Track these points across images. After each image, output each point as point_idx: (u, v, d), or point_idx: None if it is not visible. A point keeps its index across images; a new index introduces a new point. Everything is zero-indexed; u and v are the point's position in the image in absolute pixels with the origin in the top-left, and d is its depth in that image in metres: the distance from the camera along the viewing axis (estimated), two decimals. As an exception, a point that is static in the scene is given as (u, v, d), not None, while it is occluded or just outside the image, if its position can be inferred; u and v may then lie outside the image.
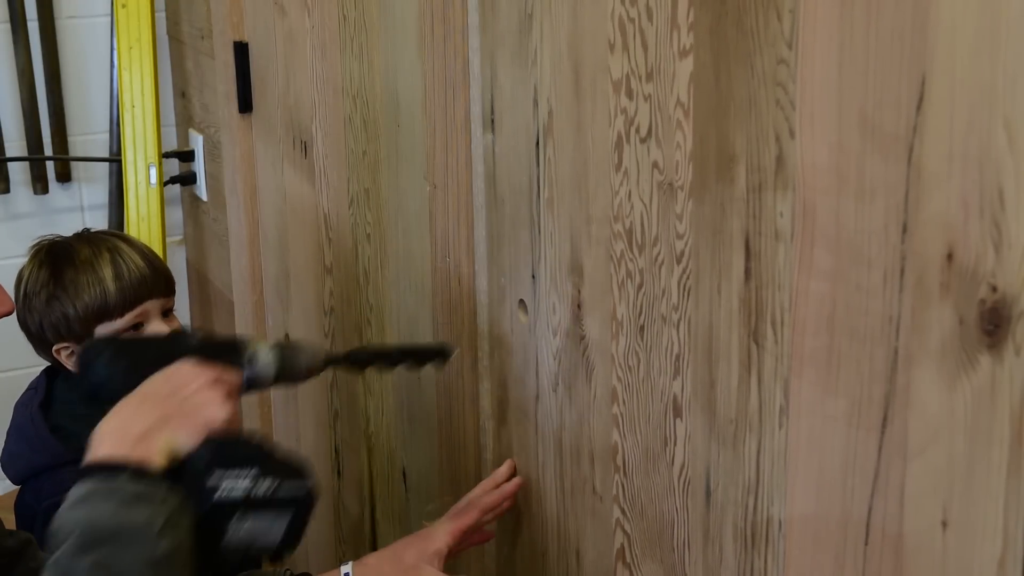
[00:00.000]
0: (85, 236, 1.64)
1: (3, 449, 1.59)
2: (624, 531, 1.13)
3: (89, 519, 0.91)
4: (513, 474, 1.33)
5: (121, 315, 1.54)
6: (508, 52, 1.21)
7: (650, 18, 0.97)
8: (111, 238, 1.63)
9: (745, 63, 0.88)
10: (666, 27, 0.96)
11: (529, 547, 1.33)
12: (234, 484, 0.99)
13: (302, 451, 2.02)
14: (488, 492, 1.32)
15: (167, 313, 1.60)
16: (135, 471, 0.94)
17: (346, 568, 1.22)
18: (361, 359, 1.30)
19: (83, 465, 0.97)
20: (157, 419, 1.00)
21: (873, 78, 0.77)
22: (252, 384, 1.17)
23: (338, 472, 1.89)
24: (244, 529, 1.00)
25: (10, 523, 1.43)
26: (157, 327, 1.57)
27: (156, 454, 0.97)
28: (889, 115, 0.76)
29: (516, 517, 1.36)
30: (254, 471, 0.99)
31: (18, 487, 1.60)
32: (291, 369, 1.20)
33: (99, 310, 1.54)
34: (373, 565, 1.25)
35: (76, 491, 0.94)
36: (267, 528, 1.01)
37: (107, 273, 1.55)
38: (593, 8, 1.05)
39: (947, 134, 0.72)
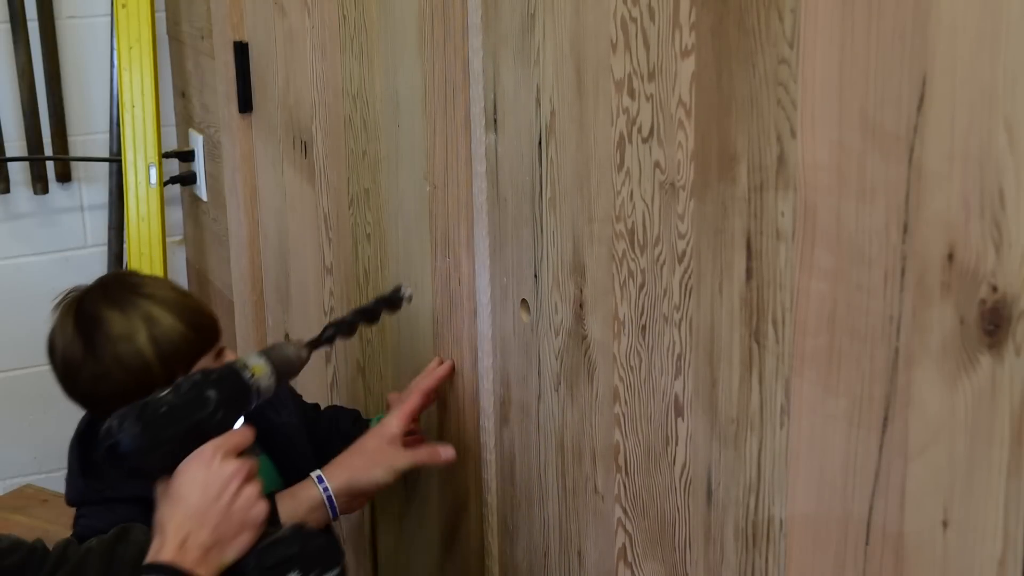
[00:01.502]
0: (112, 296, 1.51)
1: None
2: (626, 530, 1.13)
3: None
4: (442, 362, 1.49)
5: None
6: (511, 51, 1.21)
7: (652, 18, 0.97)
8: (142, 300, 1.50)
9: (747, 63, 0.88)
10: (668, 27, 0.96)
11: (531, 546, 1.34)
12: None
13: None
14: (425, 377, 1.49)
15: (220, 353, 1.54)
16: None
17: (316, 472, 1.36)
18: (331, 336, 1.39)
19: (155, 560, 1.16)
20: (212, 537, 1.18)
21: (874, 78, 0.77)
22: (259, 397, 1.27)
23: (338, 472, 1.89)
24: None
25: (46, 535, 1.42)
26: None
27: (213, 572, 1.17)
28: (890, 115, 0.76)
29: (518, 516, 1.36)
30: (296, 573, 1.18)
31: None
32: (287, 371, 1.30)
33: (150, 384, 1.39)
34: (342, 462, 1.41)
35: None
36: None
37: (148, 350, 1.45)
38: (595, 7, 1.05)
39: (948, 134, 0.72)
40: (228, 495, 1.20)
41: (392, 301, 1.41)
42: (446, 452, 1.44)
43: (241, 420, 1.26)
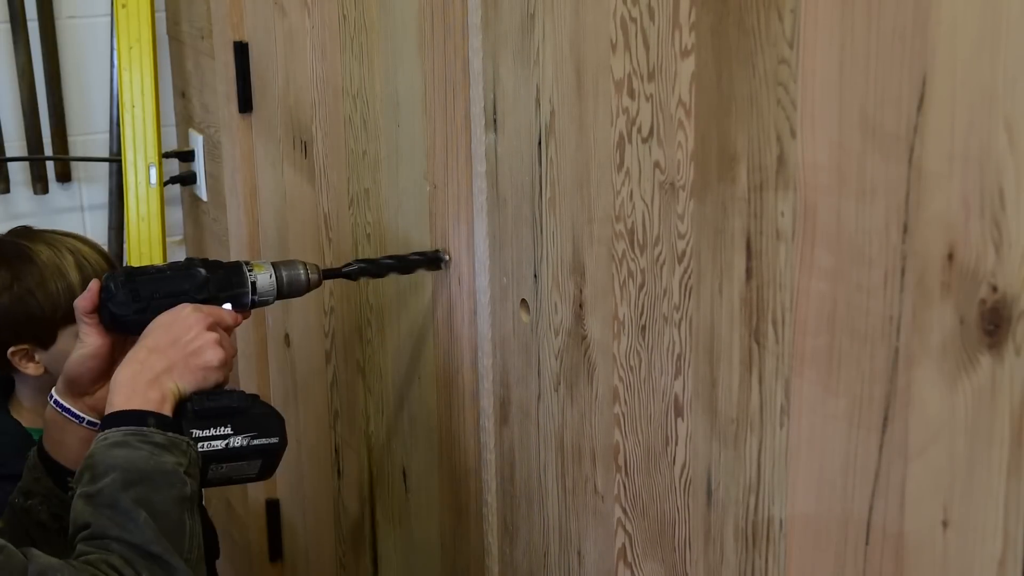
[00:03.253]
0: (33, 236, 1.64)
1: None
2: (625, 531, 1.13)
3: (128, 459, 1.08)
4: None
5: None
6: (510, 52, 1.21)
7: (652, 18, 0.97)
8: (65, 238, 1.64)
9: (746, 63, 0.88)
10: (668, 27, 0.96)
11: (531, 547, 1.34)
12: (213, 440, 1.20)
13: (302, 451, 2.03)
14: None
15: None
16: (159, 421, 1.13)
17: None
18: (354, 271, 1.42)
19: (109, 413, 1.14)
20: (163, 368, 1.18)
21: (874, 78, 0.77)
22: (257, 304, 1.33)
23: (338, 472, 1.89)
24: (222, 471, 1.22)
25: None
26: None
27: (164, 400, 1.16)
28: (890, 115, 0.76)
29: (518, 517, 1.36)
30: (228, 429, 1.20)
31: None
32: (292, 287, 1.36)
33: (68, 313, 1.54)
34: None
35: (111, 435, 1.11)
36: (242, 469, 1.24)
37: (73, 276, 1.57)
38: (595, 7, 1.05)
39: (948, 134, 0.72)
40: (188, 337, 1.21)
41: (431, 259, 1.43)
42: None
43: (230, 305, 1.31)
